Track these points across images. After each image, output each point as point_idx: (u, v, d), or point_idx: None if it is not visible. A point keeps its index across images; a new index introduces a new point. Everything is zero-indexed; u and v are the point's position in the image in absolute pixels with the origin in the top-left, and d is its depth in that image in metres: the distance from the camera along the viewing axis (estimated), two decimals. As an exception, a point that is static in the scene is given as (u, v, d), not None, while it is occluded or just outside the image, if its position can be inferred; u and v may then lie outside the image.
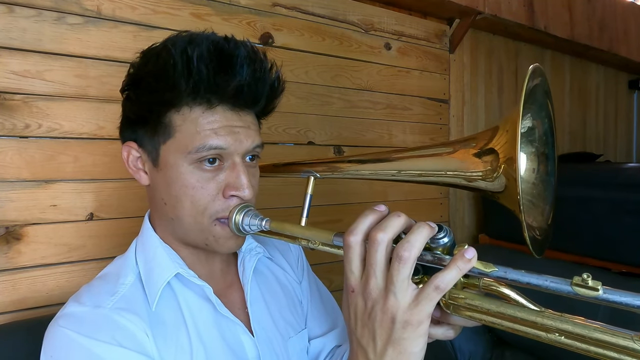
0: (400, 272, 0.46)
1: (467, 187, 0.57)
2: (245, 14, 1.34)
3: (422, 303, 0.46)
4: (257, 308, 0.75)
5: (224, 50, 0.62)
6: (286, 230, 0.62)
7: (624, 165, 1.63)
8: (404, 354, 0.47)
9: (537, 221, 0.56)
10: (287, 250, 0.89)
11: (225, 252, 0.70)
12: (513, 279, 0.45)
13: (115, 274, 0.69)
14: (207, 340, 0.67)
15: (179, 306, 0.68)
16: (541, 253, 0.54)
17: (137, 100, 0.67)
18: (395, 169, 0.64)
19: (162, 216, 0.70)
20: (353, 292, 0.50)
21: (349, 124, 1.59)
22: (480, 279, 0.50)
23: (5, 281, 0.99)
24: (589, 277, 0.40)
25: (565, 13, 2.15)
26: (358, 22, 1.61)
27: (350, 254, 0.50)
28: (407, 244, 0.46)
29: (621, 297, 0.39)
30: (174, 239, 0.71)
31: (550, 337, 0.44)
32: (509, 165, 0.50)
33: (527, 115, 0.52)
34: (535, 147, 0.55)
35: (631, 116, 2.99)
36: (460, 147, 0.58)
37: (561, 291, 0.42)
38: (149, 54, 0.66)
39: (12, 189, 1.00)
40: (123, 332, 0.61)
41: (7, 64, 0.99)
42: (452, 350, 1.42)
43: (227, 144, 0.64)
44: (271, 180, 1.34)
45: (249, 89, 0.64)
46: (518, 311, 0.46)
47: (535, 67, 0.51)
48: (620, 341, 0.40)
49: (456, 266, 0.46)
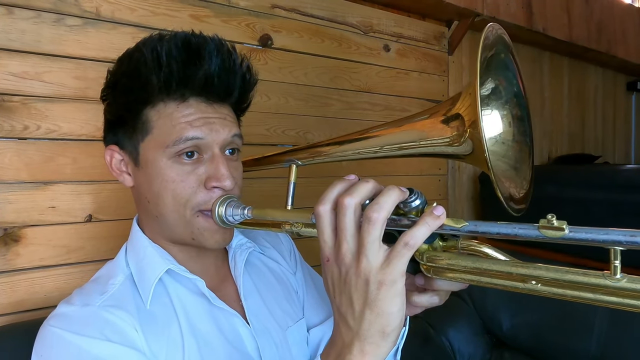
0: (370, 233, 0.46)
1: (440, 154, 0.59)
2: (244, 15, 1.34)
3: (393, 262, 0.46)
4: (251, 301, 0.75)
5: (191, 44, 0.64)
6: (268, 216, 0.63)
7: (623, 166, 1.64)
8: (382, 315, 0.47)
9: (517, 183, 0.57)
10: (279, 243, 0.89)
11: (214, 247, 0.70)
12: (484, 231, 0.46)
13: (105, 276, 0.70)
14: (202, 334, 0.67)
15: (171, 301, 0.68)
16: (519, 212, 0.55)
17: (114, 102, 0.69)
18: (376, 145, 0.65)
19: (148, 216, 0.70)
20: (328, 261, 0.50)
21: (347, 126, 1.59)
22: (459, 240, 0.52)
23: (4, 283, 0.99)
24: (554, 217, 0.41)
25: (564, 15, 2.16)
26: (357, 24, 1.61)
27: (321, 223, 0.50)
28: (376, 206, 0.46)
29: (587, 234, 0.40)
30: (162, 239, 0.71)
31: (527, 287, 0.45)
32: (474, 128, 0.51)
33: (488, 78, 0.53)
34: (506, 109, 0.55)
35: (629, 118, 2.99)
36: (428, 117, 0.60)
37: (529, 236, 0.43)
38: (122, 57, 0.68)
39: (10, 191, 0.99)
40: (112, 327, 0.61)
41: (6, 65, 0.98)
42: (451, 352, 1.42)
43: (204, 134, 0.65)
44: (269, 181, 1.34)
45: (219, 80, 0.66)
46: (493, 264, 0.48)
47: (490, 27, 0.52)
48: (593, 280, 0.42)
49: (425, 222, 0.46)
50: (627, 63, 2.59)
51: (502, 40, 0.55)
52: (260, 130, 1.37)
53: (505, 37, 0.55)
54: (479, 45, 0.50)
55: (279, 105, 1.41)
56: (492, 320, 1.39)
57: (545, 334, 1.25)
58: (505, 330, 1.36)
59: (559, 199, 1.54)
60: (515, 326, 1.33)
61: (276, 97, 1.40)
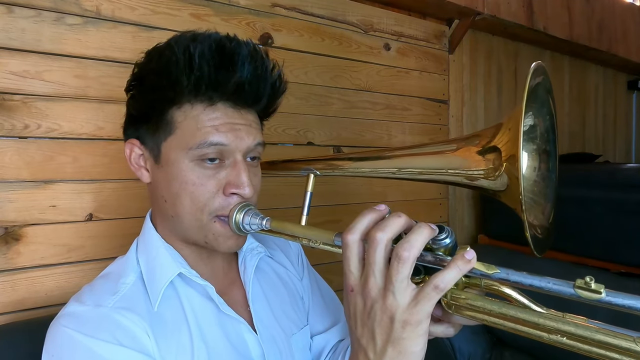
0: (399, 272, 0.46)
1: (468, 185, 0.57)
2: (244, 14, 1.34)
3: (421, 303, 0.46)
4: (259, 306, 0.75)
5: (225, 48, 0.63)
6: (287, 230, 0.62)
7: (623, 165, 1.64)
8: (404, 353, 0.47)
9: (539, 219, 0.56)
10: (287, 247, 0.89)
11: (226, 252, 0.70)
12: (515, 281, 0.45)
13: (116, 274, 0.69)
14: (209, 340, 0.67)
15: (182, 305, 0.67)
16: (542, 252, 0.54)
17: (140, 97, 0.67)
18: (396, 167, 0.64)
19: (163, 214, 0.70)
20: (352, 291, 0.50)
21: (348, 125, 1.59)
22: (482, 279, 0.50)
23: (4, 282, 0.99)
24: (592, 280, 0.40)
25: (565, 13, 2.16)
26: (357, 23, 1.61)
27: (349, 253, 0.50)
28: (407, 244, 0.46)
29: (624, 300, 0.39)
30: (175, 238, 0.71)
31: (552, 338, 0.44)
32: (511, 164, 0.50)
33: (529, 113, 0.52)
34: (537, 145, 0.55)
35: (630, 117, 2.99)
36: (462, 145, 0.58)
37: (564, 294, 0.42)
38: (152, 53, 0.67)
39: (11, 190, 0.99)
40: (124, 331, 0.61)
41: (6, 64, 0.98)
42: (451, 351, 1.42)
43: (228, 140, 0.64)
44: (271, 180, 1.34)
45: (250, 87, 0.64)
46: (520, 312, 0.46)
47: (538, 65, 0.51)
48: (623, 343, 0.40)
49: (456, 266, 0.46)
50: (628, 62, 2.58)
51: (544, 74, 0.53)
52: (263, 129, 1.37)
53: (546, 71, 0.54)
54: (526, 81, 0.49)
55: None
56: (493, 319, 1.39)
57: (545, 333, 1.25)
58: (505, 329, 1.36)
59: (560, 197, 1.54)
60: (516, 325, 1.33)
61: (276, 96, 1.39)
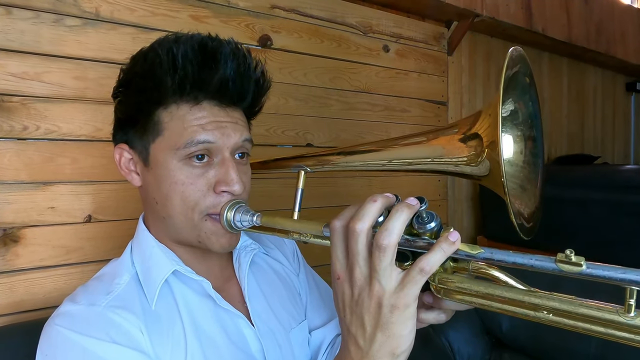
0: (381, 260, 0.46)
1: (454, 172, 0.58)
2: (243, 16, 1.34)
3: (407, 286, 0.46)
4: (256, 302, 0.75)
5: (207, 47, 0.64)
6: (277, 224, 0.63)
7: (622, 167, 1.64)
8: (393, 337, 0.47)
9: (525, 203, 0.56)
10: (282, 244, 0.89)
11: (219, 251, 0.70)
12: (499, 260, 0.45)
13: (110, 275, 0.70)
14: (206, 335, 0.67)
15: (175, 302, 0.68)
16: (529, 236, 0.55)
17: (126, 101, 0.69)
18: (385, 159, 0.65)
19: (155, 216, 0.70)
20: (339, 279, 0.50)
21: (347, 126, 1.59)
22: (470, 262, 0.51)
23: (3, 283, 0.99)
24: (572, 253, 0.41)
25: (563, 15, 2.16)
26: (356, 25, 1.61)
27: (335, 240, 0.51)
28: (385, 232, 0.46)
29: (604, 271, 0.40)
30: (168, 239, 0.71)
31: (538, 315, 0.45)
32: (492, 149, 0.51)
33: (508, 99, 0.52)
34: (520, 130, 0.55)
35: (628, 118, 3.00)
36: (445, 134, 0.59)
37: (546, 268, 0.43)
38: (137, 56, 0.68)
39: (10, 191, 0.99)
40: (117, 329, 0.61)
41: (5, 65, 0.98)
42: (450, 353, 1.42)
43: (215, 138, 0.65)
44: (267, 182, 1.34)
45: (233, 84, 0.65)
46: (506, 291, 0.47)
47: (514, 51, 0.52)
48: (606, 315, 0.41)
49: (440, 248, 0.46)
50: (626, 63, 2.59)
51: (523, 60, 0.54)
52: (259, 130, 1.37)
53: (525, 57, 0.55)
54: (502, 68, 0.49)
55: (278, 105, 1.41)
56: (492, 321, 1.39)
57: (544, 335, 1.25)
58: (504, 330, 1.36)
59: (559, 199, 1.54)
60: (515, 327, 1.33)
61: (276, 97, 1.40)
